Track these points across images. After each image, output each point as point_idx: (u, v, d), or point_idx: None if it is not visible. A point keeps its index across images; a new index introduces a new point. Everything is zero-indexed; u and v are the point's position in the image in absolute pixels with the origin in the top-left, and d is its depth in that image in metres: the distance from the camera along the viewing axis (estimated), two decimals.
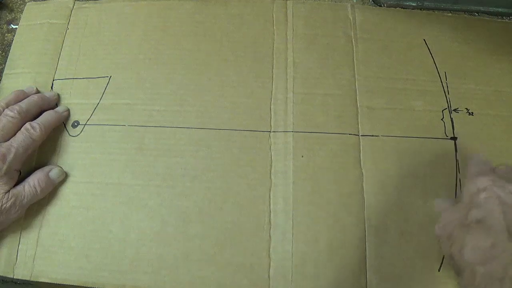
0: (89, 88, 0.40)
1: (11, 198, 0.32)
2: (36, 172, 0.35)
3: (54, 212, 0.36)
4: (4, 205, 0.32)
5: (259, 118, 0.38)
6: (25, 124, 0.35)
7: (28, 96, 0.37)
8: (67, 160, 0.37)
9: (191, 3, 0.43)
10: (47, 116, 0.37)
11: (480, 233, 0.27)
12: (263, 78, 0.40)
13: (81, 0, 0.44)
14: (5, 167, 0.32)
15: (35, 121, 0.35)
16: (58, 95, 0.39)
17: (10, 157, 0.32)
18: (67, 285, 0.34)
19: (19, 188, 0.33)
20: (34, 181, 0.34)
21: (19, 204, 0.33)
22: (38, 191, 0.34)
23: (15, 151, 0.33)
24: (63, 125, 0.38)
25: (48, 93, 0.39)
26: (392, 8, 0.44)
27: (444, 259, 0.33)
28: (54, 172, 0.35)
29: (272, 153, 0.37)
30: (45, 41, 0.42)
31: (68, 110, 0.39)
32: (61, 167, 0.36)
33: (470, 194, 0.29)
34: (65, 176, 0.36)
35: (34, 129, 0.35)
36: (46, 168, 0.36)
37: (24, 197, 0.33)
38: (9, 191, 0.33)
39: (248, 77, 0.40)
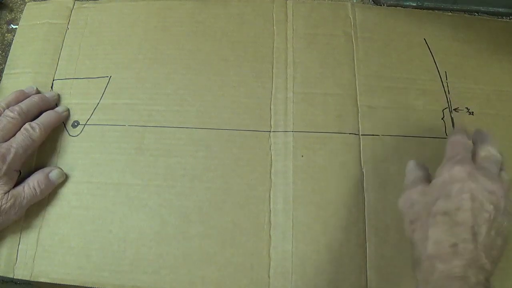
0: (89, 88, 0.40)
1: (10, 199, 0.32)
2: (36, 173, 0.35)
3: (54, 212, 0.36)
4: (4, 206, 0.32)
5: (259, 118, 0.38)
6: (24, 124, 0.35)
7: (28, 97, 0.37)
8: (67, 160, 0.37)
9: (191, 3, 0.43)
10: (46, 117, 0.37)
11: (445, 228, 0.26)
12: (263, 78, 0.40)
13: (81, 0, 0.44)
14: (4, 167, 0.32)
15: (34, 121, 0.35)
16: (58, 95, 0.39)
17: (9, 157, 0.32)
18: (67, 285, 0.34)
19: (19, 189, 0.33)
20: (34, 182, 0.34)
21: (19, 205, 0.33)
22: (38, 192, 0.34)
23: (15, 151, 0.33)
24: (63, 125, 0.38)
25: (48, 93, 0.39)
26: (392, 7, 0.44)
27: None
28: (54, 174, 0.35)
29: (272, 153, 0.37)
30: (45, 41, 0.42)
31: (68, 110, 0.39)
32: (61, 169, 0.36)
33: (442, 181, 0.28)
34: (64, 178, 0.36)
35: (33, 129, 0.35)
36: (46, 169, 0.36)
37: (23, 198, 0.33)
38: (8, 191, 0.33)
39: (248, 77, 0.40)
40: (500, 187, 0.27)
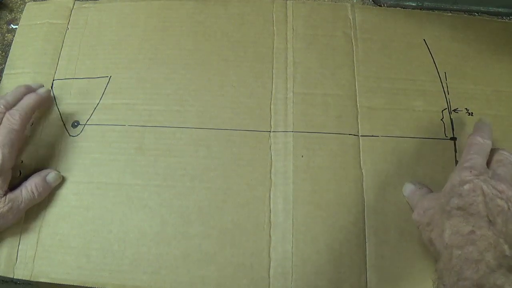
0: (89, 88, 0.40)
1: (8, 203, 0.32)
2: (33, 176, 0.35)
3: (54, 212, 0.36)
4: (1, 210, 0.32)
5: (259, 118, 0.38)
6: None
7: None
8: (67, 160, 0.37)
9: (191, 3, 0.43)
10: (25, 100, 0.35)
11: (461, 220, 0.28)
12: (263, 78, 0.40)
13: (81, 0, 0.44)
14: None
15: (13, 108, 0.34)
16: (43, 85, 0.38)
17: None
18: (67, 285, 0.34)
19: (17, 192, 0.33)
20: (32, 185, 0.34)
21: (16, 209, 0.33)
22: (36, 195, 0.34)
23: (1, 150, 0.32)
24: (63, 125, 0.38)
25: (34, 84, 0.37)
26: (392, 8, 0.44)
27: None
28: (51, 176, 0.35)
29: (272, 153, 0.37)
30: (45, 41, 0.42)
31: (49, 90, 0.37)
32: (58, 171, 0.36)
33: (452, 185, 0.30)
34: (61, 180, 0.36)
35: (13, 117, 0.33)
36: (43, 172, 0.35)
37: (21, 202, 0.33)
38: (5, 195, 0.32)
39: (248, 77, 0.40)
40: (509, 187, 0.28)
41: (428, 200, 0.31)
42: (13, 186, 0.34)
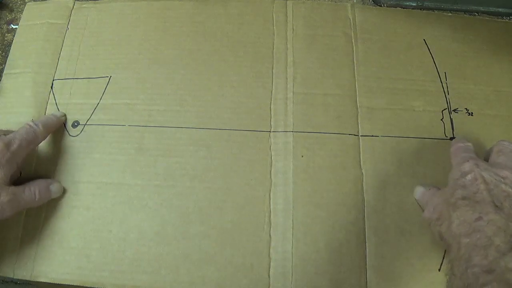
0: (89, 88, 0.40)
1: (10, 194, 0.31)
2: (38, 180, 0.35)
3: (54, 212, 0.36)
4: (2, 199, 0.31)
5: (259, 118, 0.38)
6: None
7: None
8: (67, 160, 0.37)
9: (191, 3, 0.43)
10: (46, 118, 0.37)
11: (467, 209, 0.28)
12: (263, 78, 0.40)
13: (81, 0, 0.44)
14: (8, 154, 0.32)
15: (36, 121, 0.35)
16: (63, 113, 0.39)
17: (14, 147, 0.32)
18: (67, 285, 0.34)
19: (20, 188, 0.33)
20: (36, 187, 0.34)
21: (16, 203, 0.32)
22: (36, 198, 0.33)
23: (19, 143, 0.33)
24: (63, 125, 0.38)
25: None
26: (392, 8, 0.44)
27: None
28: (54, 187, 0.35)
29: (272, 153, 0.37)
30: (45, 41, 0.42)
31: (65, 115, 0.39)
32: (60, 183, 0.36)
33: (454, 179, 0.30)
34: (61, 193, 0.36)
35: (36, 125, 0.35)
36: (49, 180, 0.35)
37: (22, 199, 0.32)
38: (9, 186, 0.32)
39: (248, 77, 0.40)
40: (511, 173, 0.28)
41: (436, 197, 0.32)
42: (15, 185, 0.33)
